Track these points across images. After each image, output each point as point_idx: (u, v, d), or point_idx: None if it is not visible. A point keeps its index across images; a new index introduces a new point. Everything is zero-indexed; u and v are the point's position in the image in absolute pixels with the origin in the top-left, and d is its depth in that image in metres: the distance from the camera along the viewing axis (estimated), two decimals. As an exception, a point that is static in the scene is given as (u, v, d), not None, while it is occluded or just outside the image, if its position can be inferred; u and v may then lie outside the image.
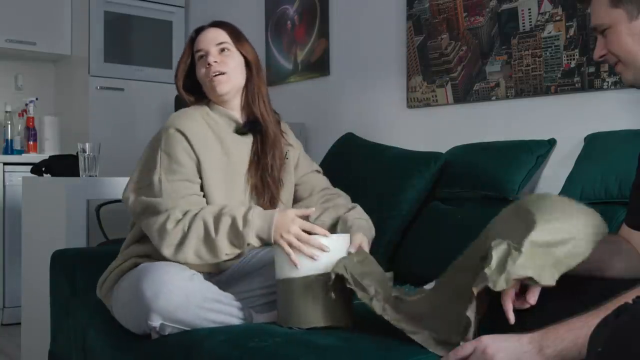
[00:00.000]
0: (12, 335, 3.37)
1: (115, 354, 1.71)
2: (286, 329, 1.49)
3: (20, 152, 4.01)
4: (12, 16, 3.89)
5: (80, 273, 2.06)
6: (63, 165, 2.84)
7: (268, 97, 1.84)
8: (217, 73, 1.74)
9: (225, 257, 1.60)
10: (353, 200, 1.93)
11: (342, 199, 1.90)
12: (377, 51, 2.91)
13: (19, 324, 2.88)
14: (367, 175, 2.39)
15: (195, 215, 1.60)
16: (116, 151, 3.61)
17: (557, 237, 1.18)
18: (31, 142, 4.06)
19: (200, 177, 1.70)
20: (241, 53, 1.80)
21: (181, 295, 1.51)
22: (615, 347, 0.95)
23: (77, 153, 2.68)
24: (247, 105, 1.81)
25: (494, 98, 2.41)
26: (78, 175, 2.66)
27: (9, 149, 3.99)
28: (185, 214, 1.61)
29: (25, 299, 2.75)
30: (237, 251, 1.60)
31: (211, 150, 1.72)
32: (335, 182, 1.99)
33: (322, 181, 1.97)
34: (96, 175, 2.66)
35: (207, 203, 1.69)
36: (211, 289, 1.58)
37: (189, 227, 1.58)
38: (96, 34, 3.87)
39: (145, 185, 1.68)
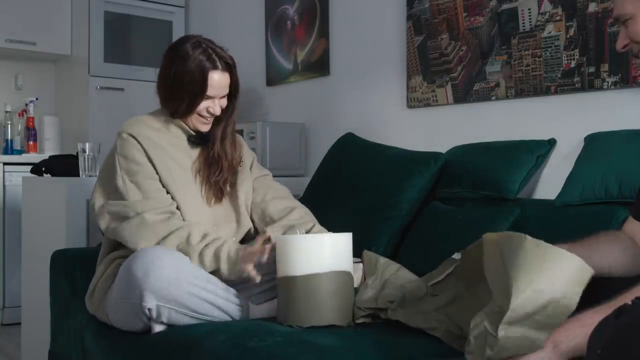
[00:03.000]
0: (12, 335, 3.37)
1: (115, 354, 1.71)
2: (286, 328, 1.49)
3: (20, 152, 4.01)
4: (12, 16, 3.89)
5: (80, 273, 2.05)
6: (63, 165, 2.84)
7: (234, 123, 1.90)
8: (212, 118, 1.81)
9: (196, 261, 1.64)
10: (353, 200, 1.94)
11: (296, 213, 1.91)
12: (377, 51, 2.91)
13: (19, 324, 2.88)
14: (367, 175, 2.39)
15: (179, 228, 1.66)
16: (116, 151, 3.61)
17: (536, 305, 1.12)
18: (31, 142, 4.06)
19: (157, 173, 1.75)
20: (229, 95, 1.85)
21: (172, 271, 1.53)
22: (615, 349, 0.95)
23: (77, 153, 2.68)
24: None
25: (494, 98, 2.41)
26: (78, 175, 2.66)
27: (9, 149, 3.99)
28: (167, 219, 1.67)
29: (25, 299, 2.75)
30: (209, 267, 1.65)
31: (161, 153, 1.77)
32: (335, 182, 2.00)
33: (276, 188, 1.99)
34: (96, 175, 2.66)
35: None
36: (201, 270, 1.61)
37: (170, 233, 1.64)
38: (96, 34, 3.87)
39: (112, 192, 1.72)
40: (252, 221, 1.90)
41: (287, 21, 3.40)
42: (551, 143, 2.19)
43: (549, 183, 2.17)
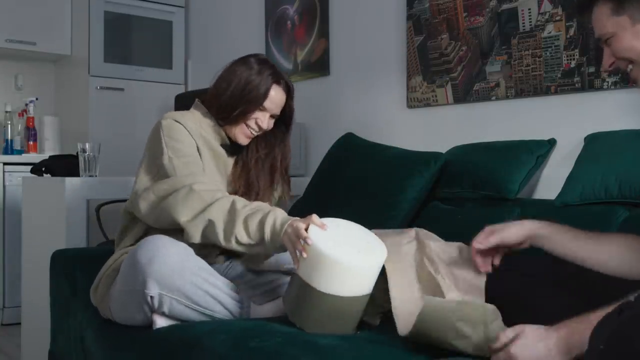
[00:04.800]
0: (12, 335, 3.37)
1: (115, 354, 1.71)
2: (287, 328, 1.48)
3: (20, 152, 4.01)
4: (12, 16, 3.89)
5: (80, 273, 2.05)
6: (63, 165, 2.84)
7: (284, 157, 1.91)
8: (256, 133, 1.82)
9: (234, 244, 1.55)
10: (353, 200, 1.94)
11: None
12: (377, 51, 2.91)
13: (19, 324, 2.89)
14: (367, 175, 2.39)
15: (223, 196, 1.62)
16: (116, 151, 3.61)
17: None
18: (31, 142, 4.06)
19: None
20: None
21: (176, 259, 1.53)
22: (617, 344, 0.95)
23: (77, 153, 2.68)
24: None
25: (494, 98, 2.41)
26: (78, 175, 2.66)
27: (9, 149, 3.99)
28: (214, 189, 1.65)
29: (25, 299, 2.75)
30: (250, 242, 1.54)
31: (205, 146, 1.79)
32: (335, 182, 2.00)
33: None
34: (96, 175, 2.66)
35: None
36: (205, 264, 1.61)
37: (217, 199, 1.60)
38: (96, 34, 3.87)
39: (156, 172, 1.70)
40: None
41: (287, 21, 3.40)
42: (551, 143, 2.19)
43: (549, 183, 2.17)
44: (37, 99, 4.14)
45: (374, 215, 2.23)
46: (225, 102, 1.78)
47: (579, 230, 1.47)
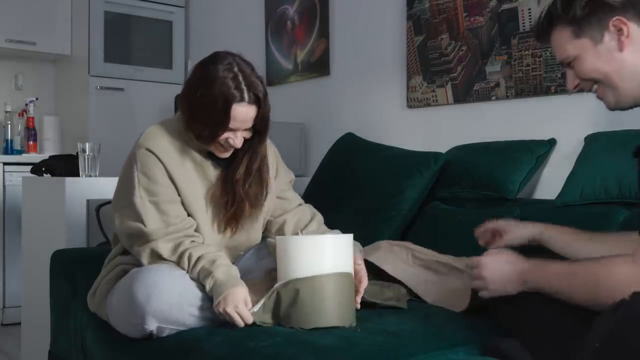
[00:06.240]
0: (12, 335, 3.37)
1: (115, 354, 1.71)
2: (287, 329, 1.49)
3: (20, 152, 4.01)
4: (12, 16, 3.88)
5: (80, 273, 2.05)
6: (63, 165, 2.84)
7: (261, 159, 1.73)
8: (232, 149, 1.67)
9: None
10: (353, 200, 1.93)
11: (314, 223, 1.84)
12: (377, 51, 2.91)
13: (19, 324, 2.88)
14: (367, 175, 2.39)
15: (184, 251, 1.60)
16: (116, 151, 3.59)
17: None
18: (31, 142, 4.06)
19: (178, 194, 1.66)
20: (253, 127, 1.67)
21: (174, 294, 1.51)
22: (613, 343, 0.96)
23: (77, 153, 2.68)
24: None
25: (494, 98, 2.41)
26: (78, 175, 2.66)
27: (9, 149, 3.99)
28: (177, 245, 1.60)
29: (25, 299, 2.75)
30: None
31: (183, 171, 1.68)
32: (335, 182, 2.00)
33: (294, 199, 1.90)
34: (96, 175, 2.66)
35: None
36: (204, 291, 1.56)
37: (181, 255, 1.59)
38: (96, 34, 3.87)
39: (126, 205, 1.65)
40: (267, 229, 1.84)
41: (287, 21, 3.40)
42: (551, 143, 2.19)
43: (549, 183, 2.17)
44: (37, 99, 4.14)
45: (374, 215, 2.23)
46: (191, 118, 1.63)
47: (581, 231, 1.49)
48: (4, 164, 3.72)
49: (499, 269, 1.36)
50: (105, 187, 2.65)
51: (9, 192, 3.70)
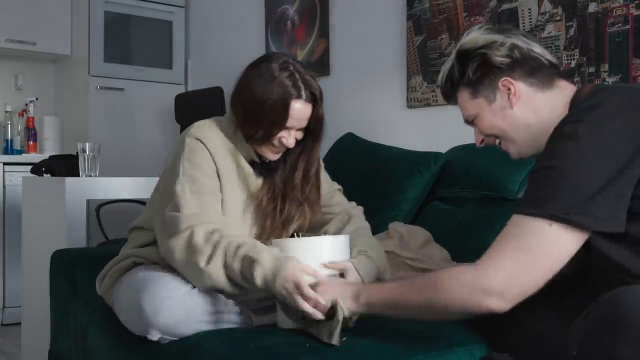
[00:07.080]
0: (12, 335, 3.37)
1: (115, 354, 1.71)
2: (287, 329, 1.49)
3: (20, 152, 4.01)
4: (12, 16, 3.89)
5: (80, 273, 2.05)
6: (63, 165, 2.84)
7: (318, 164, 1.70)
8: (284, 149, 1.64)
9: (231, 289, 1.51)
10: (353, 200, 1.93)
11: (359, 223, 1.81)
12: (377, 51, 2.91)
13: (19, 324, 2.88)
14: (367, 175, 2.39)
15: (222, 236, 1.52)
16: (116, 151, 3.61)
17: None
18: (31, 142, 4.06)
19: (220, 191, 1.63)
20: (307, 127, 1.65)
21: (182, 311, 1.49)
22: (589, 348, 0.97)
23: (77, 153, 2.68)
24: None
25: (494, 98, 2.41)
26: (78, 175, 2.66)
27: (9, 149, 4.00)
28: (212, 232, 1.53)
29: (25, 299, 2.75)
30: (240, 288, 1.50)
31: (228, 168, 1.65)
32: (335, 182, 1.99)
33: (341, 202, 1.87)
34: (96, 175, 2.66)
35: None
36: (211, 300, 1.53)
37: (217, 244, 1.50)
38: (96, 34, 3.88)
39: (168, 194, 1.60)
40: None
41: (287, 21, 3.40)
42: (551, 143, 2.19)
43: (549, 183, 2.17)
44: (37, 99, 4.14)
45: (374, 215, 2.23)
46: (246, 120, 1.60)
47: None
48: (4, 164, 3.72)
49: (331, 291, 1.37)
50: (105, 187, 2.65)
51: (9, 192, 3.70)
